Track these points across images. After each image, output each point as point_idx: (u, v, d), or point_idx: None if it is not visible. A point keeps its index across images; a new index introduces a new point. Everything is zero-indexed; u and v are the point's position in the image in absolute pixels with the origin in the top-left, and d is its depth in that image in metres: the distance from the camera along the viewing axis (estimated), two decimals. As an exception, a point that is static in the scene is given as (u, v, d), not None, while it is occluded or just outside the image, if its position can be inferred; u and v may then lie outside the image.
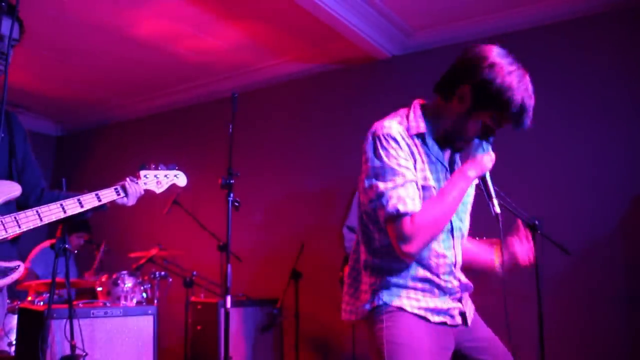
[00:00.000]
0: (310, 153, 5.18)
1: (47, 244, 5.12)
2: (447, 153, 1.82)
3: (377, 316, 1.68)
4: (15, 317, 3.68)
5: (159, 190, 2.45)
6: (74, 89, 6.11)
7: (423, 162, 1.70)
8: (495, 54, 1.74)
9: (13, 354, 3.73)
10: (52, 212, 1.99)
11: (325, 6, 3.94)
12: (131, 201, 2.28)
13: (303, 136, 5.26)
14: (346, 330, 4.23)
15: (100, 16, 4.41)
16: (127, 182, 2.25)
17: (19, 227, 1.90)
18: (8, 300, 3.81)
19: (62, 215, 2.01)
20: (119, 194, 2.21)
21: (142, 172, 2.39)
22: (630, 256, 3.67)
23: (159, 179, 2.44)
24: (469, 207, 1.88)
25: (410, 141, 1.68)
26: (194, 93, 5.99)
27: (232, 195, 3.07)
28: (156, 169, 2.44)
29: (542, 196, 3.89)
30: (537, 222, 2.87)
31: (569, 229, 3.67)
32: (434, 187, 1.70)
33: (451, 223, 1.75)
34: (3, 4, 1.71)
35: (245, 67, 5.46)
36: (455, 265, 1.77)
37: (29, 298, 4.13)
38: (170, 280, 4.57)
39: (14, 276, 1.90)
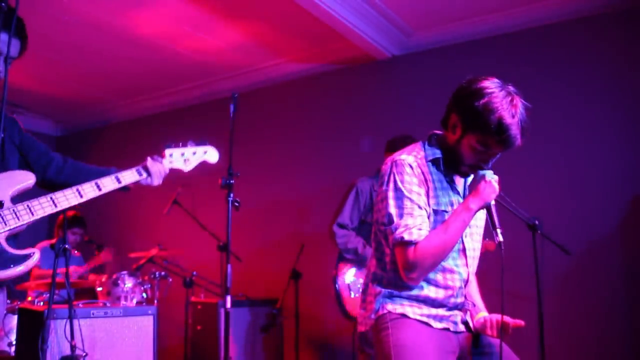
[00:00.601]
0: (310, 153, 5.18)
1: (45, 243, 5.12)
2: (461, 179, 1.91)
3: (382, 324, 1.76)
4: (15, 317, 3.68)
5: (187, 168, 2.33)
6: (74, 89, 6.11)
7: (436, 188, 1.80)
8: (484, 82, 1.75)
9: (13, 354, 3.73)
10: (67, 198, 1.92)
11: (325, 6, 3.94)
12: (156, 181, 2.18)
13: (303, 136, 5.26)
14: (346, 330, 4.23)
15: (100, 16, 4.41)
16: (149, 162, 2.17)
17: (32, 214, 1.85)
18: (8, 300, 3.82)
19: (79, 200, 1.94)
20: (140, 175, 2.13)
21: (167, 151, 2.29)
22: (630, 256, 3.67)
23: (186, 157, 2.32)
24: (481, 231, 1.96)
25: (425, 169, 1.79)
26: (194, 93, 5.99)
27: (232, 195, 3.06)
28: (184, 146, 2.33)
29: (542, 196, 3.89)
30: (537, 222, 2.87)
31: (569, 229, 3.67)
32: (445, 212, 1.79)
33: (464, 243, 1.84)
34: (3, 4, 1.70)
35: (245, 67, 5.46)
36: (465, 283, 1.85)
37: (29, 298, 4.13)
38: (170, 280, 4.57)
39: (29, 263, 1.86)
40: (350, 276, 3.59)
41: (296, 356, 4.37)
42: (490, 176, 1.76)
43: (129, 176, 2.11)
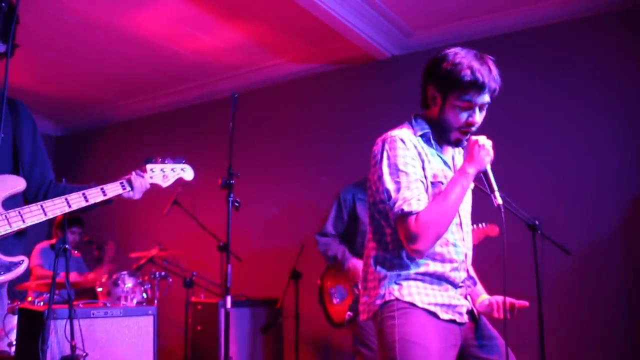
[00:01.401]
0: (310, 153, 5.18)
1: (45, 244, 5.12)
2: (449, 152, 1.92)
3: (388, 312, 1.72)
4: (15, 317, 3.68)
5: (165, 184, 2.38)
6: (74, 89, 6.11)
7: (429, 161, 1.80)
8: (446, 50, 1.83)
9: (13, 354, 3.73)
10: (56, 207, 1.96)
11: (325, 6, 3.94)
12: (137, 195, 2.23)
13: (303, 136, 5.26)
14: (346, 330, 4.23)
15: (100, 16, 4.41)
16: (133, 176, 2.21)
17: (23, 221, 1.88)
18: (8, 301, 3.81)
19: (66, 210, 1.99)
20: (124, 188, 2.17)
21: (149, 166, 2.33)
22: (631, 256, 3.67)
23: (165, 173, 2.38)
24: (470, 208, 1.97)
25: (417, 143, 1.80)
26: (194, 93, 5.99)
27: (232, 195, 3.06)
28: (163, 162, 2.38)
29: (542, 196, 3.89)
30: (537, 222, 2.87)
31: (569, 229, 3.66)
32: (442, 183, 1.79)
33: (460, 217, 1.84)
34: (3, 4, 1.70)
35: (245, 67, 5.46)
36: (465, 257, 1.84)
37: (29, 298, 4.13)
38: (171, 280, 4.57)
39: (18, 271, 1.87)
40: (332, 283, 3.60)
41: (296, 356, 4.37)
42: (484, 140, 1.76)
43: (113, 189, 2.15)
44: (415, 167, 1.74)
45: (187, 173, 2.49)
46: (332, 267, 3.62)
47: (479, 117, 1.79)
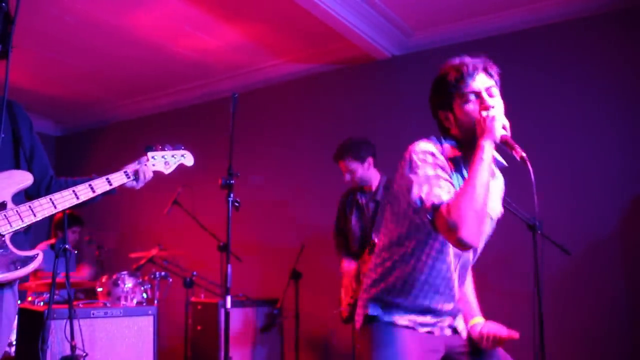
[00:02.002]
0: (310, 153, 5.18)
1: (44, 245, 5.12)
2: None
3: (369, 328, 1.77)
4: (15, 317, 3.68)
5: (167, 171, 2.41)
6: (74, 89, 6.11)
7: (455, 183, 1.73)
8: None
9: (13, 354, 3.73)
10: (65, 199, 1.98)
11: (325, 6, 3.94)
12: (140, 184, 2.25)
13: (303, 136, 5.26)
14: (346, 330, 4.23)
15: (100, 16, 4.41)
16: (139, 167, 2.23)
17: (35, 215, 1.90)
18: (19, 301, 3.81)
19: (75, 202, 2.00)
20: (128, 177, 2.19)
21: (150, 154, 2.36)
22: (630, 256, 3.67)
23: (166, 160, 2.40)
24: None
25: (445, 162, 1.72)
26: (194, 93, 5.99)
27: (232, 195, 3.06)
28: (163, 149, 2.40)
29: (542, 196, 3.87)
30: (537, 223, 2.87)
31: (569, 229, 3.66)
32: None
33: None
34: (3, 4, 1.70)
35: (245, 67, 5.46)
36: (456, 287, 1.81)
37: (29, 298, 4.13)
38: (171, 280, 4.57)
39: (34, 264, 1.89)
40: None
41: (296, 356, 4.37)
42: (489, 112, 1.69)
43: (118, 178, 2.17)
44: (445, 168, 1.69)
45: (187, 159, 2.51)
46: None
47: (490, 100, 1.71)
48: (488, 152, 1.64)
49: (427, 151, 1.70)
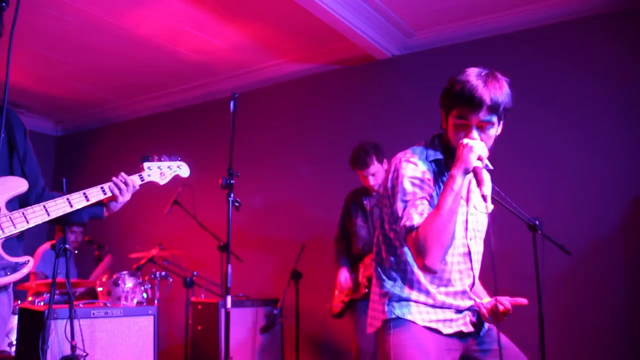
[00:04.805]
0: (310, 153, 5.18)
1: (48, 245, 5.12)
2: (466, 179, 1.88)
3: (388, 329, 1.77)
4: (15, 317, 3.68)
5: (162, 181, 2.40)
6: (74, 89, 6.11)
7: (441, 188, 1.78)
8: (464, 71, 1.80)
9: (13, 354, 3.73)
10: (59, 207, 1.98)
11: (325, 6, 3.94)
12: (124, 199, 2.16)
13: (303, 136, 5.26)
14: (346, 330, 4.23)
15: (100, 16, 4.41)
16: (117, 181, 2.14)
17: (27, 222, 1.90)
18: (18, 301, 3.82)
19: (68, 209, 2.00)
20: (105, 193, 2.11)
21: (146, 164, 2.35)
22: (631, 257, 3.67)
23: (162, 170, 2.39)
24: (483, 235, 1.94)
25: (429, 168, 1.78)
26: (194, 93, 5.99)
27: (232, 195, 3.06)
28: (159, 160, 2.40)
29: (542, 196, 3.89)
30: (537, 222, 2.87)
31: (570, 229, 3.66)
32: None
33: (469, 247, 1.84)
34: (3, 4, 1.70)
35: (246, 67, 5.46)
36: (472, 286, 1.85)
37: (29, 298, 4.13)
38: (171, 280, 4.57)
39: (24, 271, 1.89)
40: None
41: (296, 356, 4.37)
42: (468, 141, 1.68)
43: (95, 194, 2.09)
44: (424, 187, 1.73)
45: (183, 170, 2.50)
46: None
47: (477, 137, 1.70)
48: (458, 182, 1.65)
49: (411, 164, 1.75)
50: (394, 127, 4.58)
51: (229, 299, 2.99)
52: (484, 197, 1.66)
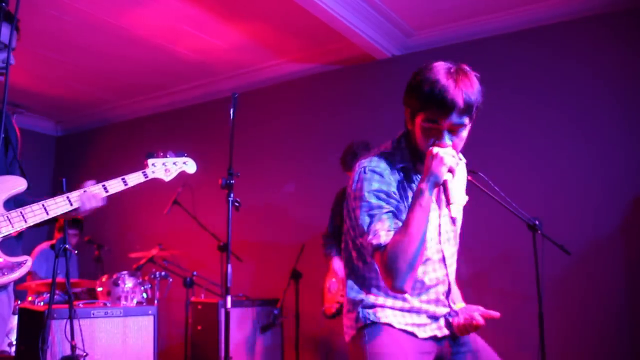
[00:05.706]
0: (310, 153, 5.18)
1: (46, 245, 5.12)
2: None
3: (363, 334, 1.68)
4: (15, 317, 3.68)
5: (167, 178, 2.38)
6: (74, 89, 6.11)
7: (407, 197, 1.68)
8: (425, 65, 1.68)
9: (13, 354, 3.73)
10: (58, 205, 1.98)
11: (325, 6, 3.94)
12: (82, 212, 2.09)
13: (303, 136, 5.26)
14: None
15: (100, 16, 4.41)
16: (80, 192, 2.08)
17: (25, 221, 1.89)
18: (18, 301, 3.81)
19: (68, 208, 2.00)
20: (71, 204, 2.04)
21: (150, 161, 2.33)
22: (631, 257, 3.67)
23: (167, 167, 2.37)
24: (457, 235, 1.84)
25: (396, 175, 1.66)
26: (194, 93, 5.99)
27: (232, 195, 3.06)
28: (164, 156, 2.38)
29: (542, 196, 3.89)
30: (537, 222, 2.88)
31: (570, 229, 3.66)
32: None
33: (442, 252, 1.74)
34: (3, 4, 1.70)
35: (246, 67, 5.46)
36: (448, 293, 1.77)
37: (29, 298, 4.13)
38: (171, 280, 4.57)
39: (22, 271, 1.88)
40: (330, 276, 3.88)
41: (296, 356, 4.37)
42: (438, 150, 1.54)
43: (61, 204, 2.02)
44: (390, 199, 1.62)
45: (189, 166, 2.48)
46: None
47: (449, 141, 1.57)
48: (427, 198, 1.53)
49: (376, 175, 1.63)
50: (393, 127, 4.57)
51: (228, 299, 2.99)
52: (452, 220, 1.60)
